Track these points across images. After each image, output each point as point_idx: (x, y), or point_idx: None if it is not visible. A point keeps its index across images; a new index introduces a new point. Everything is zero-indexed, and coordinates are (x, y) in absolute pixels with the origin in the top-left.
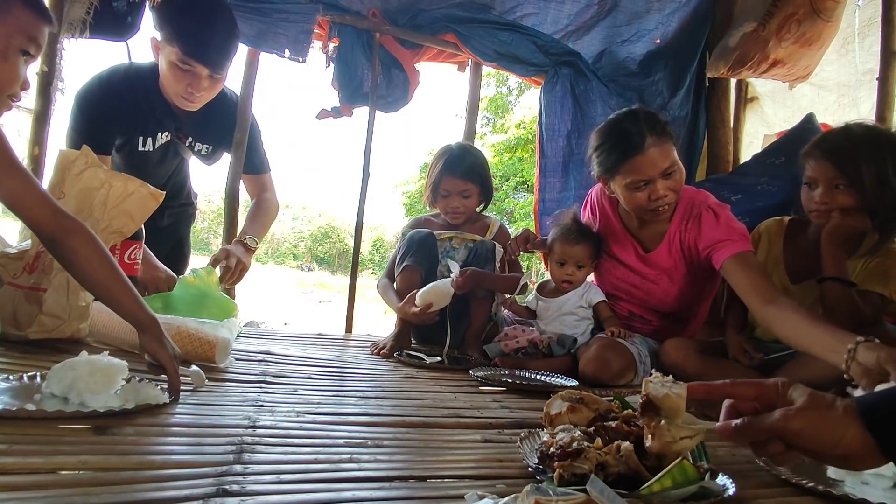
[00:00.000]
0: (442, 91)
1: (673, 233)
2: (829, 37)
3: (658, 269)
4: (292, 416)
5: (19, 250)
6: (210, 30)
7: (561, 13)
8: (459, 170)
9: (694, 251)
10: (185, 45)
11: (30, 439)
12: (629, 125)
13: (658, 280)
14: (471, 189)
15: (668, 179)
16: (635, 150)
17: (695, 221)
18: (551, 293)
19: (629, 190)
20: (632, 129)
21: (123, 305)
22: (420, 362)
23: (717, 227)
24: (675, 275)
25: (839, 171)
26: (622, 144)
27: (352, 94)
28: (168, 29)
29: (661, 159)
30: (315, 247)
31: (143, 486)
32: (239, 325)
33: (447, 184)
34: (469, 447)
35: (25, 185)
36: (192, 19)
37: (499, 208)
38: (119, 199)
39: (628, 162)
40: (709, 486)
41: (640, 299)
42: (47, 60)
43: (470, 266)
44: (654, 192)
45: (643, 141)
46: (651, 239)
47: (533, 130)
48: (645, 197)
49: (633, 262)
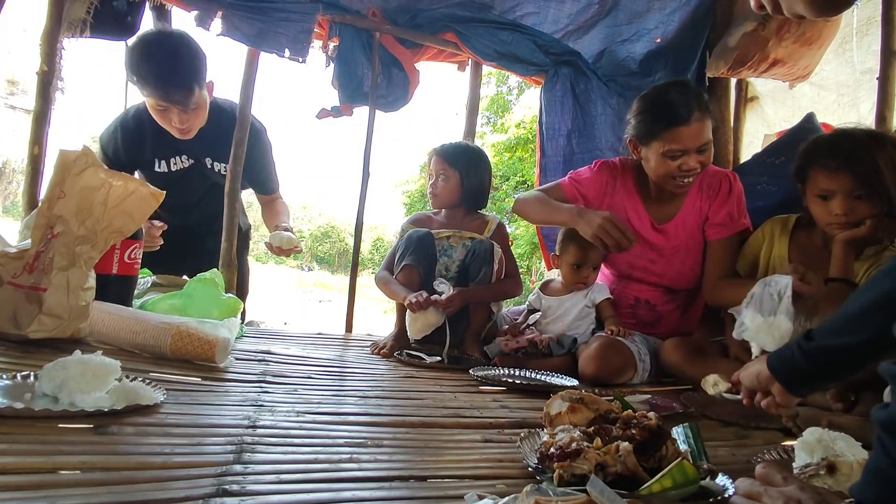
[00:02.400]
0: (442, 90)
1: (690, 204)
2: (829, 36)
3: (673, 242)
4: (292, 416)
5: (19, 250)
6: (168, 72)
7: (561, 12)
8: (443, 152)
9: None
10: (150, 89)
11: (30, 439)
12: (678, 96)
13: (673, 255)
14: (450, 173)
15: (700, 155)
16: (681, 121)
17: (713, 190)
18: (556, 292)
19: (663, 157)
20: (680, 100)
21: None
22: (420, 362)
23: (724, 206)
24: (690, 244)
25: (859, 181)
26: (669, 112)
27: (352, 93)
28: (135, 77)
29: (702, 134)
30: (315, 246)
31: (143, 486)
32: (241, 326)
33: (432, 164)
34: (469, 447)
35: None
36: (151, 64)
37: (499, 208)
38: (119, 199)
39: (672, 130)
40: (709, 486)
41: (657, 274)
42: (47, 60)
43: (468, 266)
44: (686, 164)
45: (690, 113)
46: (666, 214)
47: (533, 130)
48: (676, 166)
49: (649, 234)
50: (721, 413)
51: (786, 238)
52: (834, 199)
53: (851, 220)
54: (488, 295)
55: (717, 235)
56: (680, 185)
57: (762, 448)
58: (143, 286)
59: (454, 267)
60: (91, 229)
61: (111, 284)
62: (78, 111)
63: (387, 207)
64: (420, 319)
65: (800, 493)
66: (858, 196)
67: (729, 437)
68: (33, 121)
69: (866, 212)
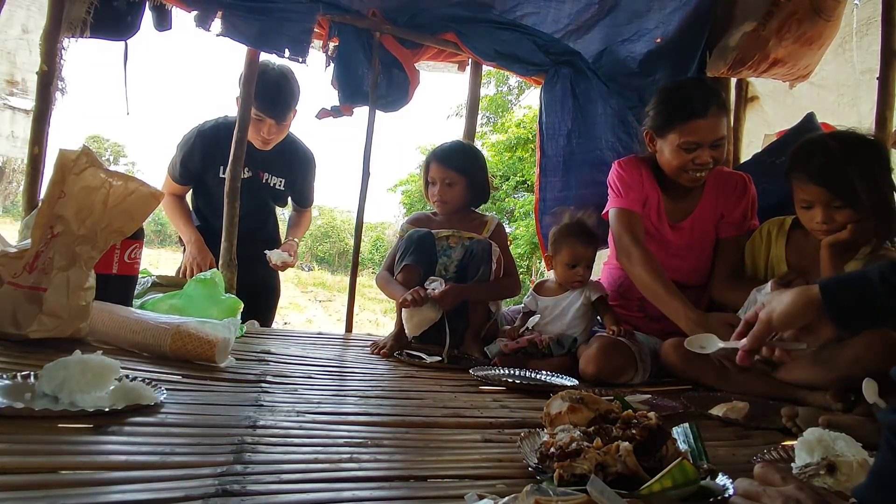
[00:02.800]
0: (442, 90)
1: (706, 202)
2: (829, 36)
3: (688, 239)
4: (292, 416)
5: (19, 249)
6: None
7: (561, 12)
8: (445, 158)
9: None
10: (260, 100)
11: (30, 439)
12: (696, 90)
13: (688, 252)
14: (455, 179)
15: (714, 150)
16: (698, 114)
17: (729, 189)
18: (551, 292)
19: (678, 149)
20: (698, 94)
21: None
22: (420, 362)
23: (740, 205)
24: (705, 241)
25: (833, 193)
26: (689, 105)
27: (352, 93)
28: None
29: (718, 128)
30: (315, 246)
31: (143, 486)
32: (241, 326)
33: (433, 171)
34: (469, 447)
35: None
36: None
37: (499, 208)
38: (119, 199)
39: (689, 123)
40: (709, 486)
41: (671, 270)
42: (47, 60)
43: (466, 265)
44: (700, 157)
45: (707, 108)
46: (682, 212)
47: (533, 130)
48: (689, 159)
49: (666, 231)
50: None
51: (783, 239)
52: (814, 209)
53: (833, 228)
54: (484, 293)
55: (730, 233)
56: (693, 179)
57: (762, 448)
58: (143, 286)
59: (453, 267)
60: (91, 229)
61: (111, 284)
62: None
63: (387, 207)
64: (416, 316)
65: (798, 493)
66: (837, 206)
67: (729, 437)
68: (33, 121)
69: (847, 218)
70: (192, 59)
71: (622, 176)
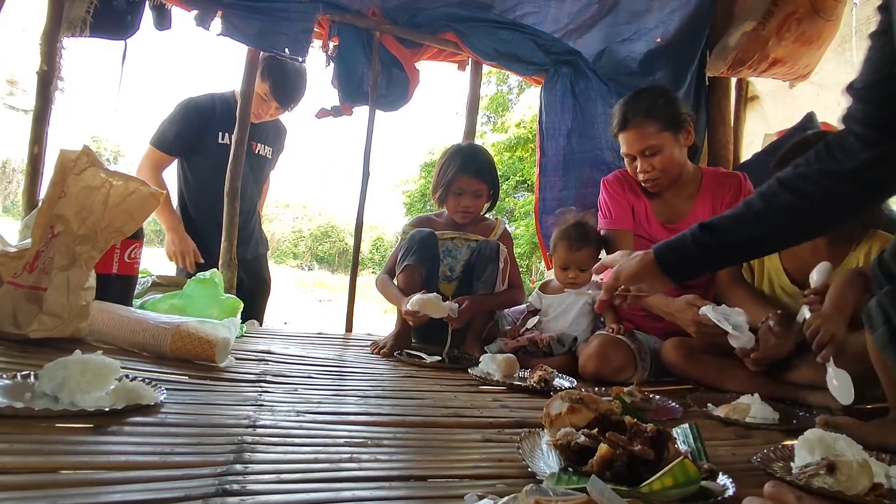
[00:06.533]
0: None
1: (701, 203)
2: (829, 35)
3: None
4: (292, 416)
5: (19, 249)
6: (293, 85)
7: (561, 12)
8: (474, 168)
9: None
10: (278, 88)
11: (30, 439)
12: (625, 102)
13: None
14: (483, 189)
15: (650, 158)
16: (620, 126)
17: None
18: (556, 290)
19: (625, 158)
20: (624, 106)
21: None
22: (420, 362)
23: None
24: None
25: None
26: (617, 117)
27: (352, 93)
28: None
29: (638, 141)
30: (315, 246)
31: (143, 486)
32: (241, 326)
33: (462, 182)
34: (469, 447)
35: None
36: (288, 75)
37: (499, 208)
38: (120, 199)
39: (619, 135)
40: (709, 486)
41: None
42: (47, 59)
43: (472, 265)
44: (638, 166)
45: (627, 120)
46: (677, 213)
47: (533, 129)
48: (633, 168)
49: (659, 233)
50: None
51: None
52: None
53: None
54: (497, 303)
55: None
56: (647, 184)
57: (762, 448)
58: (143, 286)
59: (458, 267)
60: (91, 229)
61: (111, 284)
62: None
63: (387, 207)
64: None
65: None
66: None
67: (729, 437)
68: (33, 121)
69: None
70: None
71: (605, 194)
